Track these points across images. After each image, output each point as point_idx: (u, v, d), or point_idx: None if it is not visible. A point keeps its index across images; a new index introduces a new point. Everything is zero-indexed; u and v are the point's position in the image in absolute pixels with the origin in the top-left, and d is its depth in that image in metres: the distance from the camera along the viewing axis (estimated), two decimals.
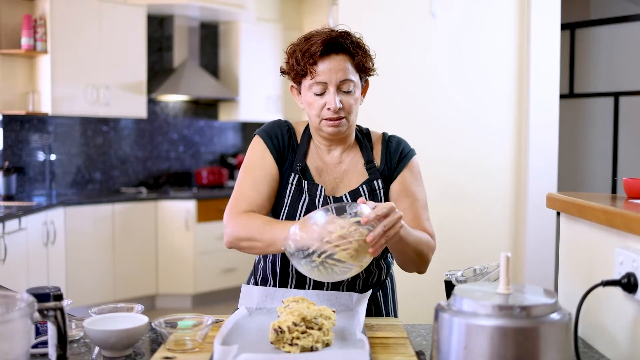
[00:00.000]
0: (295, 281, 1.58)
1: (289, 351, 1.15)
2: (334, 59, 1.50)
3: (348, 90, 1.52)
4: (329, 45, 1.49)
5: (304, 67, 1.51)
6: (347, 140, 1.61)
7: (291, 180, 1.57)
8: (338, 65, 1.50)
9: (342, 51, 1.51)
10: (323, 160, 1.61)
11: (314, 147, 1.63)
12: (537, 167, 3.40)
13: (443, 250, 3.41)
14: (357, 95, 1.55)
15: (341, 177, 1.60)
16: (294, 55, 1.55)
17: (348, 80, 1.51)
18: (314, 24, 6.25)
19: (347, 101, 1.52)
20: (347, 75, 1.51)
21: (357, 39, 1.56)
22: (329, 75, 1.50)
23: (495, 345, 0.90)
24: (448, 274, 1.36)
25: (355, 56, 1.52)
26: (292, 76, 1.57)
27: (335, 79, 1.50)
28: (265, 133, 1.62)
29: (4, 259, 3.66)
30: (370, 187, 1.57)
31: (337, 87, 1.50)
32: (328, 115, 1.52)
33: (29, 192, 4.90)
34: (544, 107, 3.40)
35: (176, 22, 5.49)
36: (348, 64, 1.51)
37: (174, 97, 5.51)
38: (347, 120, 1.54)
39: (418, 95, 3.39)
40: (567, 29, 4.95)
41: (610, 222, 1.19)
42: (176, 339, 1.19)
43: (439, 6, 3.36)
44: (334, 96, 1.50)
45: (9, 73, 4.71)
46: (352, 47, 1.52)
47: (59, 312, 1.01)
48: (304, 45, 1.53)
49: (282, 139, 1.61)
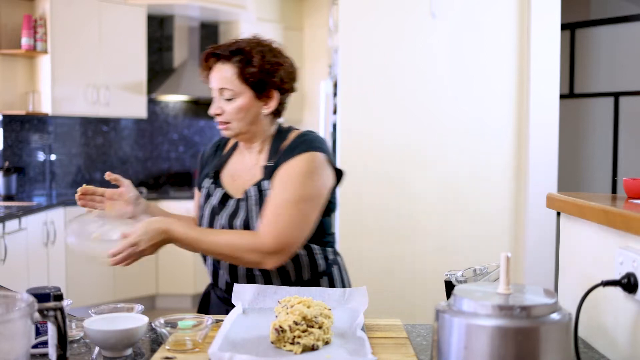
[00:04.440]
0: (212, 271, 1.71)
1: (290, 350, 1.15)
2: (215, 68, 1.61)
3: (228, 98, 1.60)
4: (213, 54, 1.61)
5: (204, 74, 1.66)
6: (253, 143, 1.68)
7: (205, 185, 1.72)
8: (217, 74, 1.61)
9: (223, 60, 1.60)
10: (242, 164, 1.70)
11: (238, 152, 1.73)
12: (537, 167, 3.40)
13: (443, 250, 3.43)
14: (239, 103, 1.60)
15: (250, 179, 1.66)
16: None
17: (225, 88, 1.59)
18: (314, 24, 6.26)
19: (225, 108, 1.61)
20: (224, 84, 1.59)
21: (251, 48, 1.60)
22: (211, 83, 1.63)
23: (496, 346, 0.90)
24: (448, 274, 1.36)
25: (237, 65, 1.59)
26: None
27: (215, 87, 1.61)
28: (201, 153, 1.84)
29: (4, 259, 3.66)
30: (259, 187, 1.61)
31: (218, 93, 1.61)
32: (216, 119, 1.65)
33: (29, 192, 4.90)
34: (544, 107, 3.40)
35: (176, 22, 5.49)
36: (229, 73, 1.59)
37: (174, 97, 5.51)
38: (232, 125, 1.62)
39: (418, 95, 3.40)
40: (567, 29, 4.95)
41: (610, 222, 1.19)
42: (176, 339, 1.19)
43: (439, 6, 3.36)
44: (214, 102, 1.63)
45: (9, 73, 4.71)
46: (234, 56, 1.58)
47: (59, 312, 1.01)
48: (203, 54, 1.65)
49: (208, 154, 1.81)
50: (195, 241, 1.51)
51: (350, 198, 3.35)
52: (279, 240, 1.51)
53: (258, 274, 1.62)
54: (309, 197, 1.55)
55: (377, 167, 3.36)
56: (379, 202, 3.37)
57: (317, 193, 1.57)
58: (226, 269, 1.65)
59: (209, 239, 1.52)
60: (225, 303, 1.69)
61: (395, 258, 3.38)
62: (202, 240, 1.52)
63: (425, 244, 3.40)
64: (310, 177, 1.56)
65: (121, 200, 1.72)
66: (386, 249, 3.38)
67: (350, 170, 3.39)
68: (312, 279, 1.66)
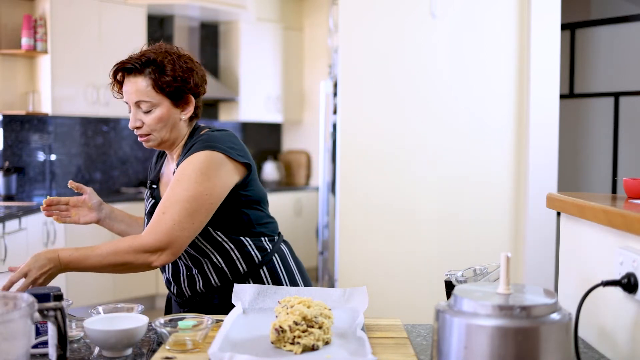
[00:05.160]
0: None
1: (290, 350, 1.15)
2: (129, 82, 1.62)
3: (146, 110, 1.61)
4: (124, 69, 1.62)
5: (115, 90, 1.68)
6: (174, 149, 1.70)
7: (145, 193, 1.76)
8: (131, 88, 1.61)
9: (135, 73, 1.61)
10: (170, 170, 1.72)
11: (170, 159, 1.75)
12: (537, 167, 3.40)
13: (443, 250, 3.43)
14: (158, 113, 1.61)
15: None
16: None
17: (142, 100, 1.60)
18: (314, 24, 6.26)
19: (146, 120, 1.62)
20: (140, 97, 1.60)
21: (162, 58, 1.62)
22: (126, 97, 1.63)
23: (496, 346, 0.90)
24: (448, 274, 1.36)
25: (149, 77, 1.60)
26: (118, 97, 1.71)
27: (130, 100, 1.62)
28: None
29: (4, 259, 3.66)
30: None
31: (136, 106, 1.62)
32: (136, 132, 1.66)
33: (29, 192, 4.90)
34: (544, 107, 3.40)
35: (176, 22, 5.49)
36: (143, 85, 1.60)
37: None
38: (154, 136, 1.64)
39: (418, 95, 3.40)
40: (567, 29, 4.95)
41: (610, 222, 1.19)
42: (176, 339, 1.19)
43: (439, 6, 3.36)
44: (132, 115, 1.63)
45: (9, 73, 4.71)
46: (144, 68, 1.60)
47: (59, 312, 1.01)
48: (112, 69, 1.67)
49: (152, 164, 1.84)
50: (83, 259, 1.48)
51: (350, 198, 3.35)
52: (160, 237, 1.50)
53: (195, 273, 1.66)
54: (197, 196, 1.53)
55: (377, 167, 3.36)
56: (378, 201, 3.37)
57: (206, 191, 1.54)
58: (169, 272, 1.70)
59: (95, 253, 1.50)
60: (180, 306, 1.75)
61: (395, 258, 3.38)
62: (89, 256, 1.49)
63: (425, 244, 3.40)
64: (200, 176, 1.54)
65: (85, 207, 1.76)
66: (386, 248, 3.38)
67: (350, 170, 3.39)
68: (250, 271, 1.66)
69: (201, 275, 1.66)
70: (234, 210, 1.63)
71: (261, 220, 1.70)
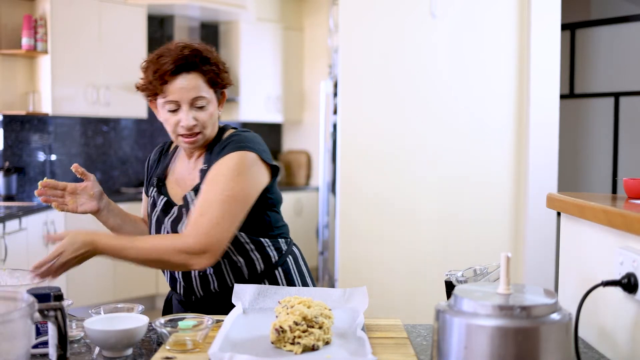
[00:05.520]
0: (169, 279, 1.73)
1: (290, 350, 1.15)
2: (185, 78, 1.55)
3: (201, 106, 1.57)
4: (180, 65, 1.55)
5: (156, 87, 1.57)
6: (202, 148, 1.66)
7: (150, 193, 1.71)
8: (189, 84, 1.56)
9: (192, 69, 1.56)
10: (187, 170, 1.68)
11: (180, 157, 1.72)
12: (537, 167, 3.40)
13: (443, 250, 3.43)
14: (211, 110, 1.60)
15: (190, 184, 1.65)
16: (147, 73, 1.61)
17: (200, 97, 1.56)
18: (314, 24, 6.26)
19: (200, 117, 1.58)
20: (198, 93, 1.56)
21: (209, 53, 1.60)
22: (180, 94, 1.55)
23: (496, 346, 0.90)
24: (448, 274, 1.36)
25: (206, 73, 1.58)
26: (147, 94, 1.63)
27: (187, 97, 1.56)
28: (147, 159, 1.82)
29: (4, 259, 3.66)
30: (197, 191, 1.59)
31: (190, 104, 1.56)
32: (182, 132, 1.58)
33: (29, 192, 4.90)
34: (544, 107, 3.40)
35: (176, 22, 5.49)
36: (200, 81, 1.57)
37: None
38: (203, 134, 1.60)
39: (418, 95, 3.40)
40: (568, 29, 4.95)
41: (610, 222, 1.19)
42: (176, 339, 1.19)
43: (439, 6, 3.36)
44: (186, 114, 1.56)
45: (9, 73, 4.71)
46: (203, 64, 1.57)
47: (59, 312, 1.01)
48: (155, 65, 1.57)
49: (152, 161, 1.80)
50: (120, 250, 1.46)
51: (350, 198, 3.35)
52: (203, 240, 1.47)
53: (210, 273, 1.62)
54: (235, 197, 1.52)
55: (377, 167, 3.36)
56: (379, 201, 3.37)
57: (243, 192, 1.53)
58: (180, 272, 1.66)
59: (134, 245, 1.48)
60: (184, 307, 1.71)
61: (395, 258, 3.38)
62: (127, 248, 1.46)
63: (426, 244, 3.40)
64: (237, 177, 1.53)
65: (86, 195, 1.70)
66: (386, 248, 3.38)
67: (350, 170, 3.39)
68: (266, 271, 1.66)
69: (216, 276, 1.62)
70: (258, 212, 1.62)
71: (278, 222, 1.71)
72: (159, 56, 1.59)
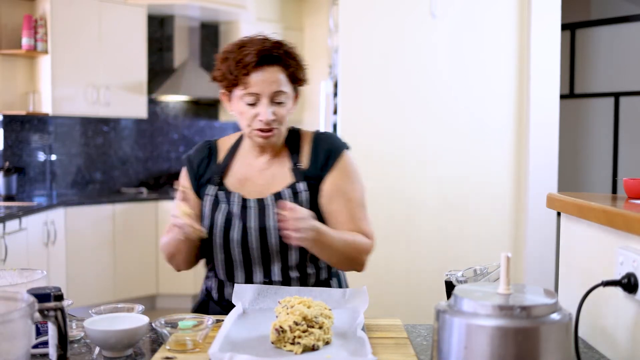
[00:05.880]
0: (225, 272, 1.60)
1: (290, 350, 1.15)
2: (267, 70, 1.51)
3: (280, 101, 1.53)
4: (264, 57, 1.50)
5: (237, 77, 1.51)
6: (276, 146, 1.62)
7: (208, 192, 1.62)
8: (271, 77, 1.51)
9: (276, 62, 1.52)
10: (251, 168, 1.63)
11: (242, 156, 1.65)
12: (537, 167, 3.40)
13: (443, 250, 3.43)
14: (289, 106, 1.57)
15: (268, 183, 1.60)
16: (226, 63, 1.54)
17: (281, 91, 1.52)
18: (314, 24, 6.26)
19: (279, 112, 1.54)
20: (280, 87, 1.52)
21: (290, 49, 1.57)
22: (262, 87, 1.50)
23: (496, 346, 0.90)
24: (448, 274, 1.36)
25: (289, 67, 1.54)
26: (224, 84, 1.56)
27: (269, 91, 1.51)
28: (187, 160, 1.69)
29: (5, 259, 3.66)
30: (294, 189, 1.57)
31: (270, 98, 1.52)
32: (259, 126, 1.53)
33: (30, 192, 4.90)
34: (544, 107, 3.40)
35: (176, 22, 5.49)
36: (281, 75, 1.53)
37: (174, 97, 5.51)
38: (279, 130, 1.57)
39: (418, 95, 3.40)
40: (568, 29, 4.95)
41: (610, 222, 1.19)
42: (176, 339, 1.19)
43: (439, 6, 3.36)
44: (266, 108, 1.51)
45: (9, 73, 4.71)
46: (286, 58, 1.54)
47: (59, 313, 1.01)
48: (237, 55, 1.52)
49: (200, 160, 1.66)
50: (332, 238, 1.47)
51: None
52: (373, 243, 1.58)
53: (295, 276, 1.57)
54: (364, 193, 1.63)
55: (377, 167, 3.36)
56: (379, 201, 3.37)
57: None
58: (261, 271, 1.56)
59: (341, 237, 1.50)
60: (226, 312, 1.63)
61: (395, 258, 3.38)
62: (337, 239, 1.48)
63: (426, 244, 3.40)
64: (358, 175, 1.63)
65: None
66: (386, 249, 3.38)
67: None
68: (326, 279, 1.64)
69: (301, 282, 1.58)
70: None
71: None
72: (241, 46, 1.53)
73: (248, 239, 1.54)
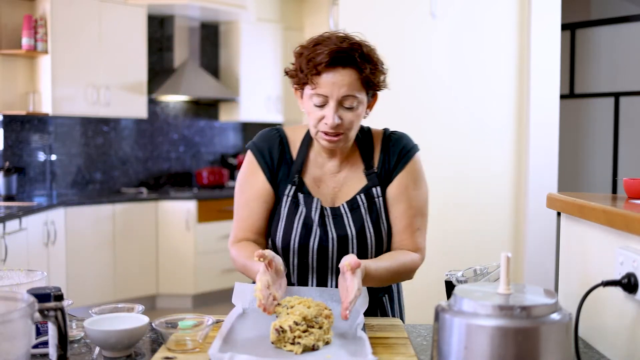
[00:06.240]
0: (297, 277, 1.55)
1: (290, 350, 1.15)
2: (339, 73, 1.41)
3: (350, 106, 1.44)
4: (336, 57, 1.40)
5: (306, 76, 1.44)
6: (346, 148, 1.55)
7: (287, 192, 1.53)
8: (342, 80, 1.41)
9: (349, 64, 1.42)
10: (322, 169, 1.56)
11: (313, 155, 1.57)
12: (537, 167, 3.40)
13: (443, 250, 3.42)
14: (359, 111, 1.46)
15: (340, 186, 1.55)
16: (300, 59, 1.46)
17: (351, 96, 1.43)
18: (314, 24, 6.25)
19: (348, 117, 1.44)
20: (350, 91, 1.42)
21: (369, 50, 1.47)
22: (331, 89, 1.41)
23: (496, 346, 0.90)
24: (448, 274, 1.36)
25: (363, 71, 1.43)
26: (295, 81, 1.50)
27: (338, 94, 1.42)
28: (256, 148, 1.57)
29: (5, 259, 3.66)
30: (368, 194, 1.53)
31: (339, 102, 1.42)
32: (325, 129, 1.45)
33: (30, 192, 4.90)
34: (544, 107, 3.40)
35: (176, 22, 5.49)
36: (354, 79, 1.42)
37: (174, 97, 5.51)
38: (346, 136, 1.47)
39: (418, 96, 3.40)
40: (568, 29, 4.95)
41: (610, 222, 1.19)
42: (177, 339, 1.19)
43: (440, 6, 3.36)
44: (333, 112, 1.42)
45: (9, 73, 4.71)
46: (362, 61, 1.43)
47: (59, 312, 1.01)
48: (310, 52, 1.43)
49: (274, 152, 1.56)
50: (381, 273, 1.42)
51: None
52: (423, 257, 1.56)
53: None
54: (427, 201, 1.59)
55: None
56: None
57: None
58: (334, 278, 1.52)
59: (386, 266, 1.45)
60: None
61: None
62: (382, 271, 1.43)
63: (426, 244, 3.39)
64: (425, 182, 1.59)
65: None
66: None
67: None
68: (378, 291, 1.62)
69: None
70: None
71: None
72: (316, 44, 1.44)
73: (327, 247, 1.50)
